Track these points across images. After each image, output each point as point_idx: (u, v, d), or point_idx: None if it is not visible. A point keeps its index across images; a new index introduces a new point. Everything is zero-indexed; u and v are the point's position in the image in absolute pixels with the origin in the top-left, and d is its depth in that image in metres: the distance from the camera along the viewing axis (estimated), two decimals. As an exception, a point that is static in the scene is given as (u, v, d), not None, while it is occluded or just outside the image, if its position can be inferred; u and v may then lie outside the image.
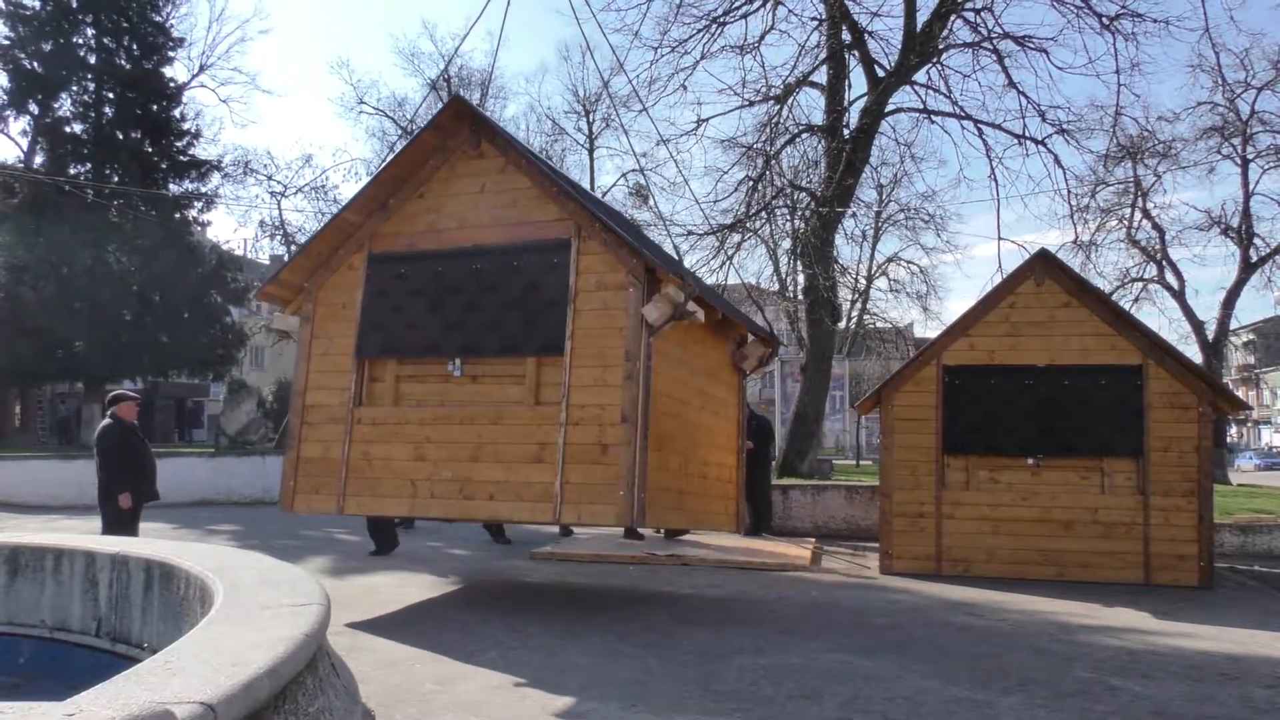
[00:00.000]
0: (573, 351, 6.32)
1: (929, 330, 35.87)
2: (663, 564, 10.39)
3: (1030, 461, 9.68)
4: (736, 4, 20.21)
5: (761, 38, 20.71)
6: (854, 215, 23.48)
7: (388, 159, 7.53)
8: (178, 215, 31.15)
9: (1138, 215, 26.79)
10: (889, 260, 33.64)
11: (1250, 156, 26.35)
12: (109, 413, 8.67)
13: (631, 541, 11.97)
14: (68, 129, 30.11)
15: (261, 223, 27.94)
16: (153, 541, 5.82)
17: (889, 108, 20.67)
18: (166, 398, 39.72)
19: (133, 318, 28.99)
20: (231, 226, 65.83)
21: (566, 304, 6.41)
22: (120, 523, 8.37)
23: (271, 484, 16.90)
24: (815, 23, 20.75)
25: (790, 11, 21.51)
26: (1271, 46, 33.08)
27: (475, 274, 6.77)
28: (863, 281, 33.60)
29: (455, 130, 7.08)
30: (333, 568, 9.87)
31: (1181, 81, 43.59)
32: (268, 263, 39.87)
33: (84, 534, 6.34)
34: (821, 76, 20.79)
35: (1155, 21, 19.54)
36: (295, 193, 27.78)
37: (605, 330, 6.27)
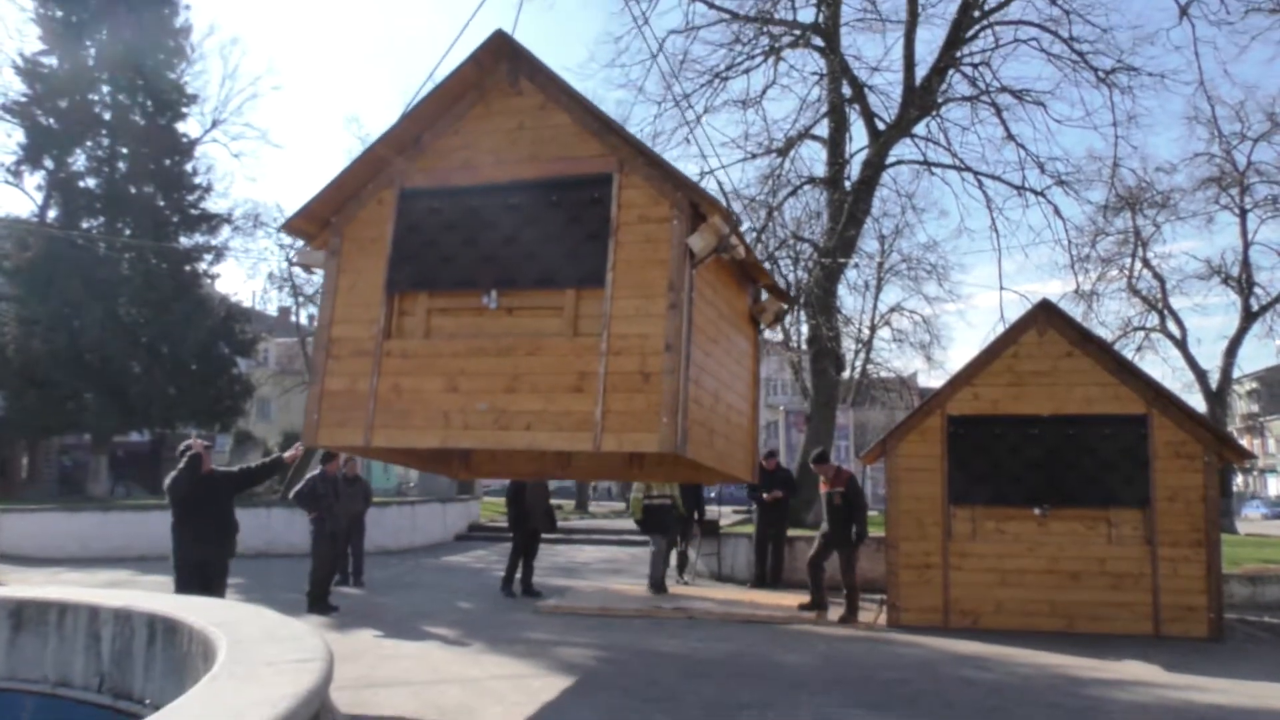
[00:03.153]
0: (614, 283, 6.24)
1: (933, 380, 35.93)
2: (668, 617, 10.32)
3: (1037, 512, 9.65)
4: (739, 60, 20.56)
5: (763, 92, 21.04)
6: (856, 265, 23.68)
7: (420, 92, 7.30)
8: (188, 268, 31.45)
9: (1138, 265, 26.95)
10: (892, 310, 33.74)
11: (1248, 207, 26.55)
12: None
13: (637, 595, 11.91)
14: (82, 184, 30.51)
15: (270, 275, 28.18)
16: (156, 595, 5.82)
17: (890, 160, 20.93)
18: (173, 449, 39.73)
19: (141, 370, 29.15)
20: (240, 279, 66.58)
21: (608, 237, 6.32)
22: (191, 584, 7.55)
23: (276, 536, 16.87)
24: (816, 78, 21.09)
25: (791, 67, 21.86)
26: (1266, 99, 33.40)
27: (512, 208, 6.66)
28: (866, 331, 33.68)
29: (494, 67, 6.94)
30: (336, 622, 9.83)
31: (1178, 133, 44.39)
32: (275, 314, 40.17)
33: (88, 587, 6.34)
34: (823, 130, 21.08)
35: (1150, 75, 19.86)
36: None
37: (648, 262, 6.21)
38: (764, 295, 8.26)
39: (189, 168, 32.49)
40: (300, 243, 7.31)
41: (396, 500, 23.33)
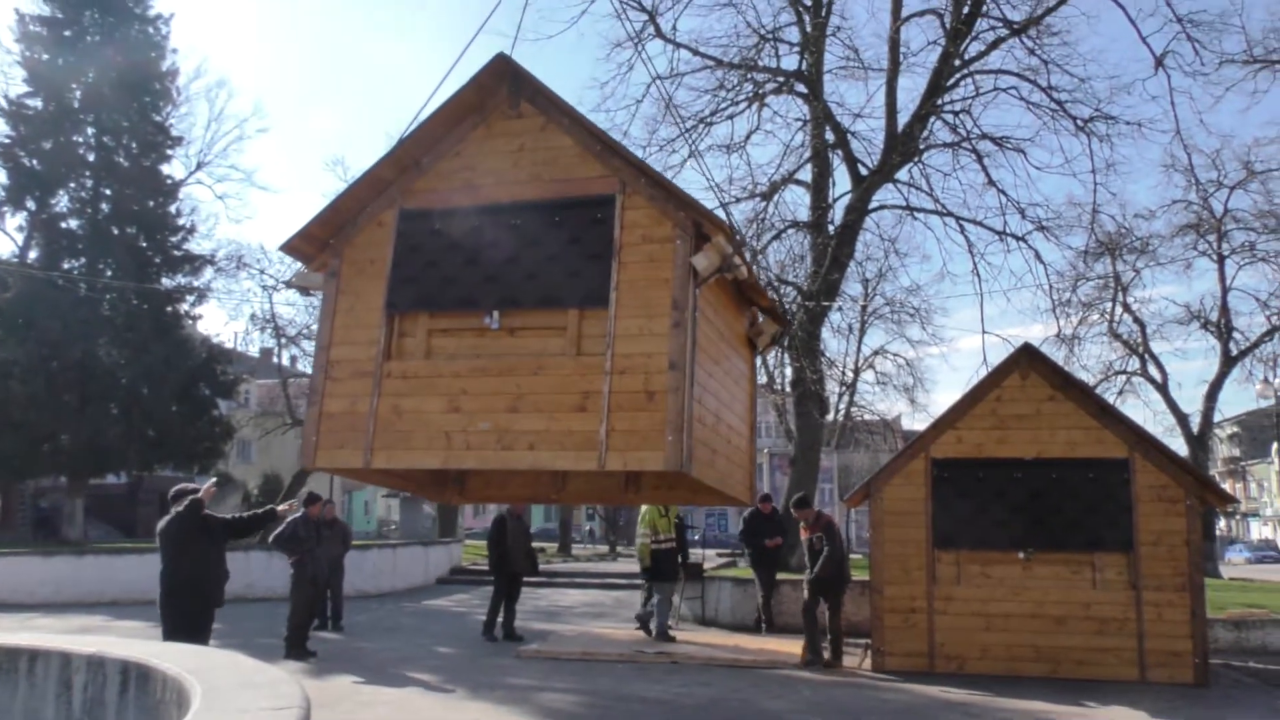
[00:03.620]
0: (618, 302, 6.24)
1: (916, 423, 36.00)
2: (651, 662, 10.20)
3: (1021, 556, 9.63)
4: (723, 105, 20.81)
5: (747, 137, 21.30)
6: (840, 309, 23.82)
7: (419, 116, 7.26)
8: (170, 309, 31.28)
9: (1119, 309, 27.22)
10: (875, 353, 33.90)
11: (1226, 253, 26.91)
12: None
13: (620, 639, 11.78)
14: (64, 224, 30.38)
15: (253, 316, 28.01)
16: (129, 642, 5.70)
17: (872, 204, 21.16)
18: (150, 491, 39.17)
19: (120, 411, 28.86)
20: (223, 320, 66.39)
21: (611, 257, 6.34)
22: (178, 631, 7.34)
23: (256, 579, 16.61)
24: (800, 123, 21.37)
25: (775, 113, 22.18)
26: (1241, 147, 34.14)
27: (514, 229, 6.64)
28: (850, 374, 33.80)
29: (495, 90, 6.95)
30: (314, 668, 9.66)
31: (1156, 180, 45.05)
32: (258, 356, 39.91)
33: (60, 633, 6.22)
34: (806, 174, 21.31)
35: (1128, 124, 20.25)
36: (287, 287, 28.00)
37: (651, 282, 6.22)
38: (760, 318, 8.28)
39: (173, 209, 32.43)
40: (299, 266, 7.30)
41: (377, 543, 23.09)
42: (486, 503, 20.76)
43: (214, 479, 8.76)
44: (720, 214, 8.37)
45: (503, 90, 6.94)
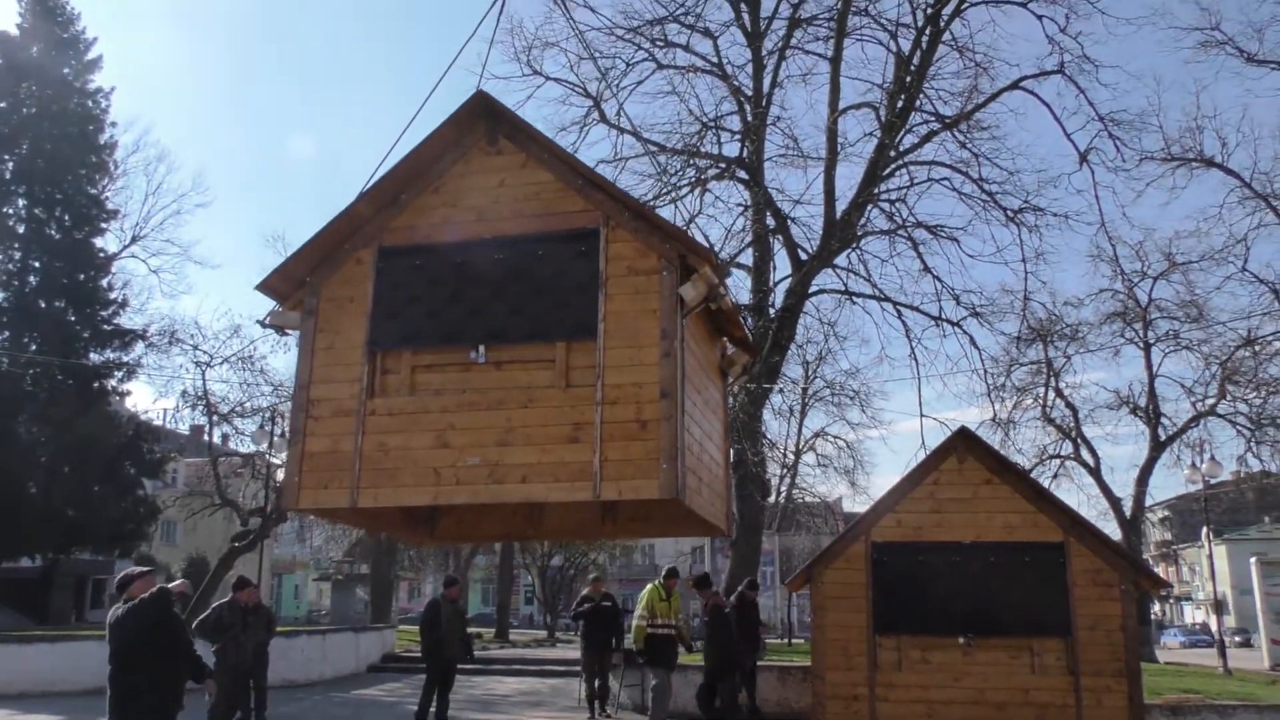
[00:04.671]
0: (606, 333, 6.22)
1: (857, 505, 36.09)
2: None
3: (961, 641, 9.57)
4: (666, 190, 21.15)
5: (690, 221, 21.60)
6: (781, 391, 23.95)
7: (395, 149, 7.19)
8: (96, 385, 30.44)
9: (1051, 394, 27.77)
10: (816, 435, 34.09)
11: (1151, 341, 27.73)
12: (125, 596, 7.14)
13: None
14: (-12, 297, 29.66)
15: (184, 393, 27.23)
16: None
17: (812, 289, 21.53)
18: (66, 576, 37.51)
19: (38, 490, 27.76)
20: (152, 396, 64.55)
21: (597, 289, 6.32)
22: None
23: (173, 669, 15.84)
24: (741, 208, 21.79)
25: (717, 198, 22.66)
26: (1163, 240, 35.62)
27: (498, 263, 6.60)
28: (791, 456, 33.90)
29: (472, 127, 6.94)
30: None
31: (1084, 270, 46.46)
32: (188, 433, 38.86)
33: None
34: (748, 258, 21.65)
35: (1055, 215, 21.04)
36: (221, 363, 27.37)
37: (639, 313, 6.22)
38: (729, 348, 8.30)
39: (104, 283, 31.82)
40: (259, 317, 7.17)
41: (306, 629, 22.26)
42: (459, 542, 20.21)
43: (184, 580, 8.25)
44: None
45: (481, 127, 6.94)
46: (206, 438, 35.50)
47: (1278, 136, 48.40)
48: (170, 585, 7.22)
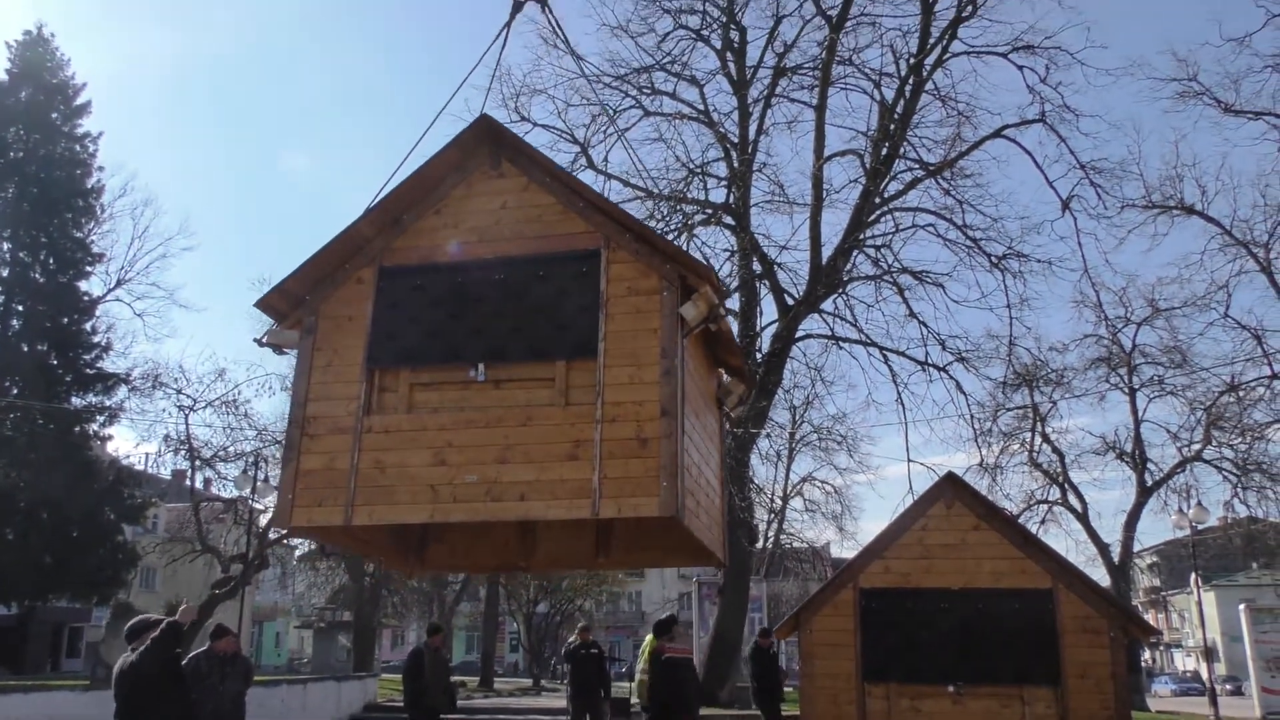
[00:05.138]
0: (606, 352, 6.23)
1: (845, 550, 35.91)
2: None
3: (951, 689, 9.44)
4: (652, 235, 21.21)
5: (676, 266, 21.63)
6: (768, 436, 23.90)
7: (405, 164, 7.20)
8: (77, 429, 30.12)
9: (1038, 439, 27.79)
10: (803, 480, 33.95)
11: (1136, 386, 27.83)
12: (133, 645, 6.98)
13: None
14: (-31, 341, 29.42)
15: (166, 437, 26.97)
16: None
17: (799, 333, 21.57)
18: (42, 624, 36.84)
19: (15, 536, 27.30)
20: (134, 440, 63.75)
21: (598, 309, 6.34)
22: None
23: None
24: (728, 254, 21.86)
25: (704, 243, 22.68)
26: (1145, 286, 35.86)
27: (498, 283, 6.62)
28: (778, 501, 33.75)
29: (476, 150, 6.97)
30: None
31: (1068, 316, 47.09)
32: (169, 478, 38.42)
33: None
34: (734, 303, 21.68)
35: (1039, 261, 21.16)
36: (205, 407, 27.13)
37: (639, 332, 6.24)
38: (725, 379, 8.25)
39: (88, 326, 31.63)
40: (256, 338, 7.18)
41: (287, 678, 21.86)
42: (450, 572, 19.90)
43: (188, 605, 8.05)
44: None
45: (484, 151, 6.98)
46: (188, 482, 35.18)
47: (1256, 184, 49.06)
48: (178, 613, 7.04)
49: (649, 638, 11.47)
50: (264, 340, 7.07)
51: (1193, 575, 28.79)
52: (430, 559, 8.26)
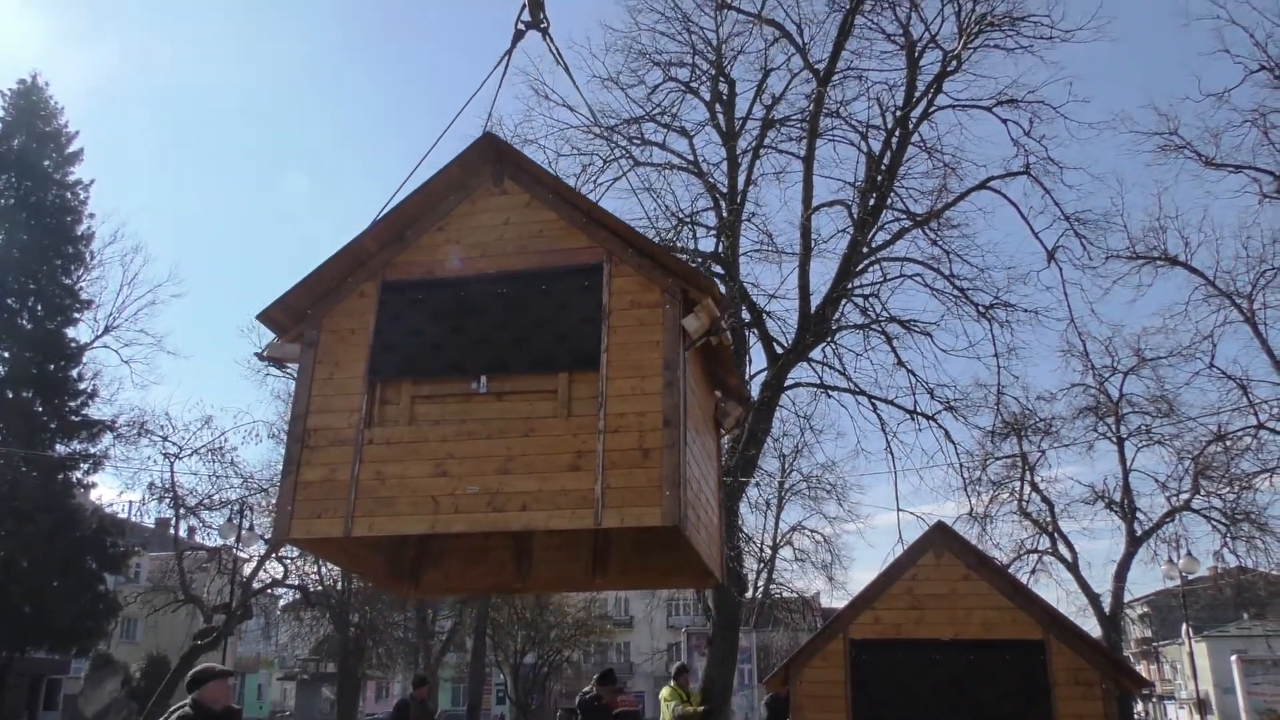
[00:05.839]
0: (608, 364, 6.26)
1: (835, 600, 35.61)
2: None
3: (943, 743, 9.32)
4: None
5: (666, 314, 21.70)
6: (757, 484, 23.82)
7: (403, 188, 7.25)
8: (61, 476, 29.84)
9: (1027, 489, 27.75)
10: (793, 529, 33.81)
11: (1124, 435, 27.88)
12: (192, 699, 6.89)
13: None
14: (-48, 387, 29.24)
15: (151, 485, 26.74)
16: None
17: (788, 382, 21.55)
18: (19, 675, 36.11)
19: (-7, 586, 26.93)
20: (118, 488, 62.99)
21: (600, 321, 6.38)
22: None
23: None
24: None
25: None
26: (1132, 335, 36.05)
27: (501, 297, 6.65)
28: (768, 550, 33.56)
29: (479, 167, 7.03)
30: None
31: (1056, 365, 47.16)
32: (153, 526, 37.99)
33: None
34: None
35: (1026, 311, 21.27)
36: (190, 454, 26.89)
37: (641, 344, 6.27)
38: (723, 401, 8.23)
39: (74, 373, 31.50)
40: (265, 346, 7.22)
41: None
42: (445, 594, 19.58)
43: (226, 668, 7.88)
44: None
45: (487, 168, 7.05)
46: (172, 531, 34.78)
47: (1238, 236, 49.64)
48: (208, 681, 6.90)
49: (666, 689, 11.32)
50: (265, 354, 7.11)
51: (1184, 626, 28.64)
52: (425, 582, 8.18)
